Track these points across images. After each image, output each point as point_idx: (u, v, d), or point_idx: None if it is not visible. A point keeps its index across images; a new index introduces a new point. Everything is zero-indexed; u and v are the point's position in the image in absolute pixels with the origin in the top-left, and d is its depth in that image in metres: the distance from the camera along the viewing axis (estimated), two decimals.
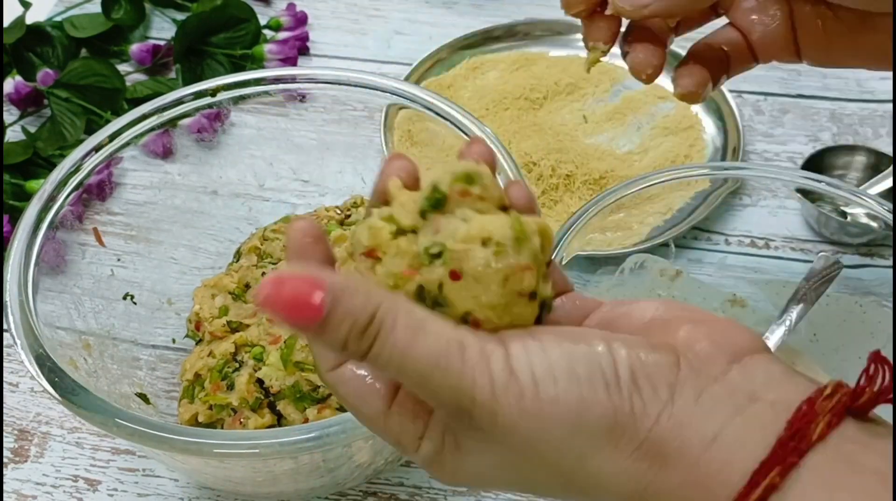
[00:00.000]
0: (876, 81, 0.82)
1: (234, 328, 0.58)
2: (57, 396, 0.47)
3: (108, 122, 0.71)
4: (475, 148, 0.35)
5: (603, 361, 0.31)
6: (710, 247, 0.71)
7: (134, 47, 0.86)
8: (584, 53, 0.92)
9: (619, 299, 0.36)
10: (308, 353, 0.53)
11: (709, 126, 0.80)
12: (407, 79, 0.82)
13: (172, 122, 0.62)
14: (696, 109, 0.82)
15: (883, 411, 0.31)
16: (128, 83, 0.83)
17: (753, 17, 0.50)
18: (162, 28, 0.92)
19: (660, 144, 0.79)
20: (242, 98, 0.63)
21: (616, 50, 0.90)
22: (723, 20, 0.53)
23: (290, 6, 0.91)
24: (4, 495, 0.58)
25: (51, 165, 0.74)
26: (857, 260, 0.68)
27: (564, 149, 0.77)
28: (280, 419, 0.54)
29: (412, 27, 0.92)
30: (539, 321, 0.33)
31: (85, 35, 0.86)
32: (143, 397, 0.57)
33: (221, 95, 0.62)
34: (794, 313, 0.57)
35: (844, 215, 0.68)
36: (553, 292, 0.34)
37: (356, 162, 0.68)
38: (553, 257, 0.37)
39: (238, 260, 0.63)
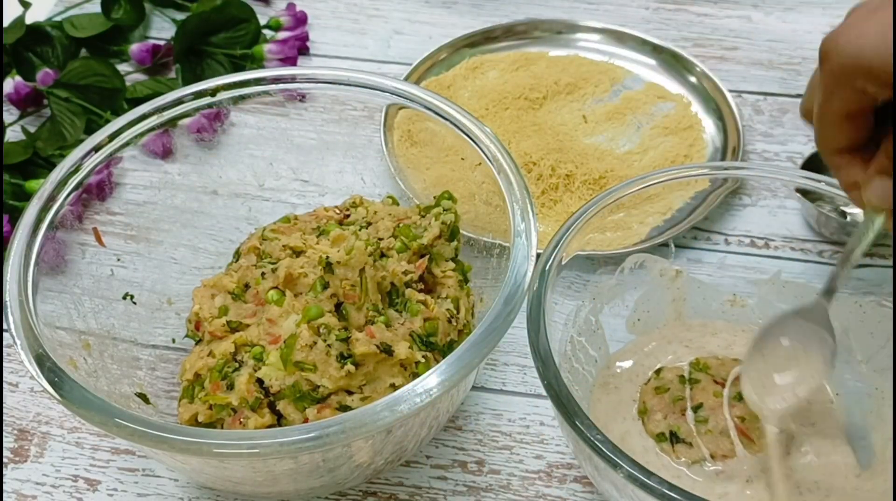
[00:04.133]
0: None
1: (234, 327, 0.58)
2: (57, 396, 0.47)
3: (107, 122, 0.71)
4: None
5: None
6: (709, 247, 0.71)
7: (134, 47, 0.86)
8: (583, 53, 0.92)
9: None
10: (308, 352, 0.53)
11: (708, 126, 0.80)
12: (407, 79, 0.82)
13: (172, 122, 0.62)
14: (696, 109, 0.82)
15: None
16: (128, 83, 0.83)
17: None
18: (162, 28, 0.92)
19: (659, 144, 0.79)
20: (242, 98, 0.63)
21: (615, 50, 0.90)
22: None
23: (290, 6, 0.91)
24: (4, 495, 0.58)
25: (51, 165, 0.74)
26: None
27: (564, 149, 0.77)
28: (280, 419, 0.54)
29: (412, 27, 0.92)
30: None
31: (85, 35, 0.87)
32: (143, 397, 0.57)
33: (221, 95, 0.62)
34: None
35: (844, 214, 0.68)
36: None
37: (356, 162, 0.68)
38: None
39: (238, 260, 0.62)
